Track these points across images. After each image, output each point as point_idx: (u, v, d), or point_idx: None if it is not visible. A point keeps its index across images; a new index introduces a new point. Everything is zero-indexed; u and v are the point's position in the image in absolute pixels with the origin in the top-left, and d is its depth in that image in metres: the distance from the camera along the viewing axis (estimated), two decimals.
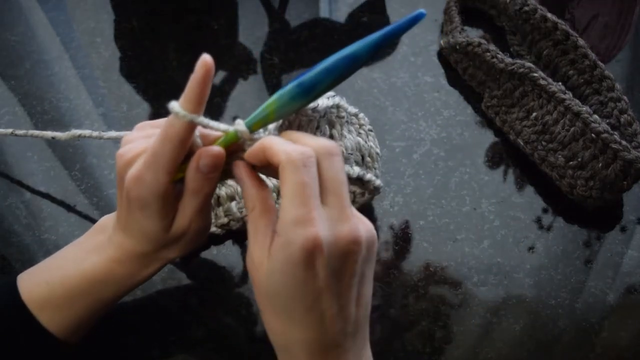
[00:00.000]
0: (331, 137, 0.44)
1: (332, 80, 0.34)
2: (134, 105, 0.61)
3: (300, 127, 0.40)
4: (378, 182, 0.49)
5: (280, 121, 0.38)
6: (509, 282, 0.49)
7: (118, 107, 0.61)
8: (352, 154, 0.45)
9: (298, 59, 0.66)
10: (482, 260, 0.50)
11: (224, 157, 0.36)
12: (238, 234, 0.51)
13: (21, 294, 0.39)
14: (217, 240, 0.51)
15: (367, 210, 0.53)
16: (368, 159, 0.49)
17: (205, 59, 0.33)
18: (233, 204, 0.50)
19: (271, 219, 0.34)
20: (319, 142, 0.33)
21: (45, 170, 0.56)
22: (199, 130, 0.36)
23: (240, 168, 0.35)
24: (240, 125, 0.35)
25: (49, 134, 0.53)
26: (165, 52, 0.66)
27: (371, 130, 0.52)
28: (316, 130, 0.42)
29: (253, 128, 0.35)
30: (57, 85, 0.63)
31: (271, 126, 0.38)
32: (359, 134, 0.50)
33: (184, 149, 0.35)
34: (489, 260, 0.50)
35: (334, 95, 0.43)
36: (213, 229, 0.50)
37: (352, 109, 0.52)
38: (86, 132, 0.50)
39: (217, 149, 0.35)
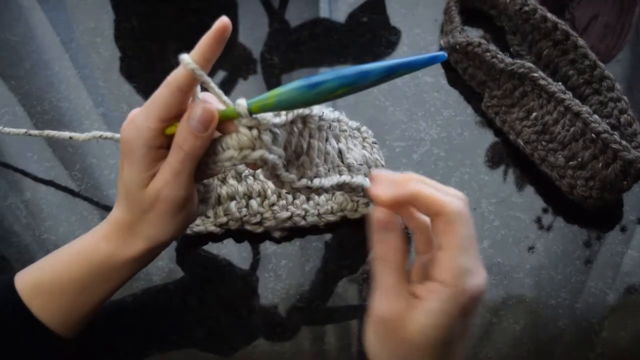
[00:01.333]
0: (339, 149, 0.44)
1: (338, 84, 0.34)
2: (134, 105, 0.61)
3: (311, 136, 0.40)
4: None
5: (284, 117, 0.38)
6: (509, 282, 0.49)
7: (118, 107, 0.61)
8: (362, 166, 0.45)
9: (298, 59, 0.66)
10: (482, 260, 0.50)
11: (216, 118, 0.36)
12: (236, 233, 0.51)
13: (15, 284, 0.40)
14: (216, 238, 0.51)
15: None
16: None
17: (224, 19, 0.35)
18: (232, 203, 0.50)
19: (404, 275, 0.33)
20: (457, 192, 0.33)
21: (45, 170, 0.56)
22: (201, 95, 0.37)
23: (384, 214, 0.33)
24: (241, 102, 0.36)
25: (66, 134, 0.53)
26: (165, 52, 0.66)
27: (375, 143, 0.53)
28: (325, 142, 0.42)
29: (252, 108, 0.36)
30: (57, 85, 0.63)
31: (276, 119, 0.37)
32: (363, 147, 0.51)
33: (179, 99, 0.36)
34: (489, 260, 0.50)
35: (333, 110, 0.43)
36: (211, 227, 0.50)
37: (354, 123, 0.53)
38: (107, 134, 0.50)
39: (210, 105, 0.35)
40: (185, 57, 0.36)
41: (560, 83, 0.54)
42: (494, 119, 0.58)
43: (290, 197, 0.51)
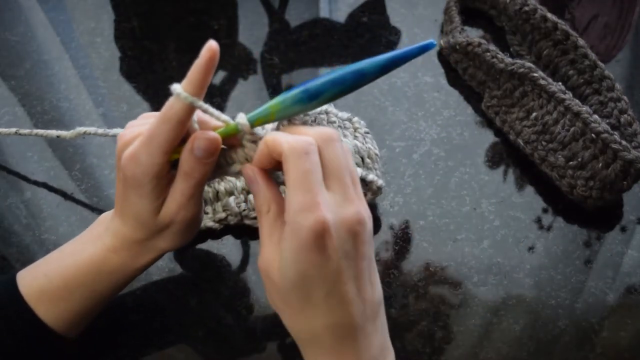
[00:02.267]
0: None
1: (337, 91, 0.35)
2: (134, 105, 0.61)
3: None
4: (380, 182, 0.49)
5: (277, 123, 0.38)
6: (509, 282, 0.49)
7: (118, 107, 0.61)
8: (355, 155, 0.45)
9: (298, 59, 0.66)
10: (482, 260, 0.50)
11: (220, 144, 0.36)
12: (235, 229, 0.51)
13: (19, 287, 0.40)
14: (215, 235, 0.51)
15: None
16: (368, 160, 0.50)
17: (212, 44, 0.34)
18: (231, 199, 0.50)
19: (277, 223, 0.34)
20: (319, 130, 0.34)
21: (45, 170, 0.56)
22: (197, 116, 0.37)
23: (251, 169, 0.35)
24: (242, 118, 0.36)
25: (53, 132, 0.53)
26: (165, 52, 0.66)
27: (368, 133, 0.52)
28: None
29: (254, 124, 0.36)
30: (57, 85, 0.63)
31: (269, 126, 0.38)
32: (355, 137, 0.51)
33: (181, 131, 0.35)
34: (489, 260, 0.50)
35: None
36: (210, 223, 0.50)
37: (344, 114, 0.52)
38: (91, 129, 0.51)
39: (213, 134, 0.36)
40: (179, 90, 0.35)
41: (560, 83, 0.54)
42: (494, 119, 0.59)
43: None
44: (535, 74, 0.54)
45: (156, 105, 0.61)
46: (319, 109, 0.43)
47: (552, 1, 0.68)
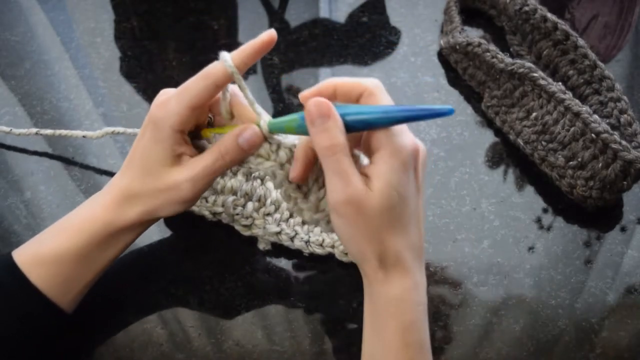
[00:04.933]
0: None
1: (360, 127, 0.36)
2: (134, 105, 0.61)
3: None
4: None
5: (296, 141, 0.40)
6: (509, 282, 0.49)
7: (118, 107, 0.61)
8: None
9: (298, 59, 0.66)
10: (482, 260, 0.50)
11: (261, 142, 0.40)
12: (229, 228, 0.51)
13: (14, 255, 0.41)
14: (205, 224, 0.51)
15: None
16: None
17: (273, 32, 0.39)
18: (230, 199, 0.50)
19: (352, 156, 0.36)
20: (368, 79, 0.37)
21: (45, 170, 0.56)
22: (231, 88, 0.41)
23: (327, 103, 0.35)
24: (264, 123, 0.40)
25: (79, 133, 0.54)
26: (165, 52, 0.66)
27: None
28: None
29: (271, 129, 0.40)
30: (57, 85, 0.63)
31: (292, 137, 0.40)
32: None
33: (212, 93, 0.39)
34: (489, 260, 0.50)
35: None
36: (206, 212, 0.50)
37: None
38: (118, 128, 0.52)
39: (259, 132, 0.40)
40: (226, 57, 0.39)
41: (560, 83, 0.54)
42: (494, 119, 0.59)
43: (286, 213, 0.50)
44: (535, 74, 0.54)
45: None
46: None
47: (552, 1, 0.68)
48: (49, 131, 0.55)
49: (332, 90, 0.37)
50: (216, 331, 0.46)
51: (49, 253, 0.41)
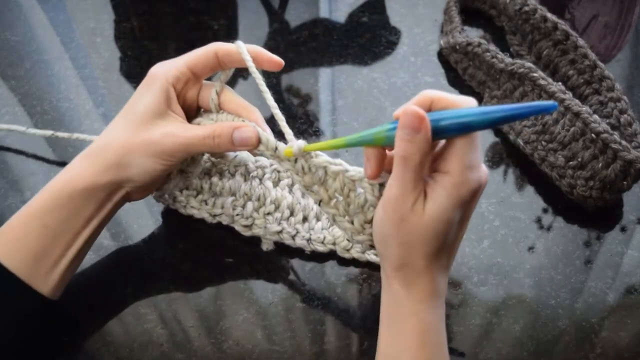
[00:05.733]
0: None
1: (457, 130, 0.35)
2: None
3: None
4: None
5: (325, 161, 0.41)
6: (509, 282, 0.49)
7: (118, 107, 0.61)
8: None
9: (298, 59, 0.66)
10: (482, 260, 0.50)
11: (255, 146, 0.42)
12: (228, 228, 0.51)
13: None
14: (205, 225, 0.51)
15: None
16: None
17: (281, 62, 0.44)
18: (229, 199, 0.50)
19: (422, 174, 0.36)
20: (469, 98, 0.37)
21: (45, 171, 0.56)
22: (248, 55, 0.44)
23: (421, 115, 0.34)
24: (298, 148, 0.40)
25: (95, 138, 0.52)
26: (165, 52, 0.66)
27: None
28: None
29: (355, 144, 0.38)
30: (57, 85, 0.63)
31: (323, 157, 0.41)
32: None
33: (211, 59, 0.43)
34: (489, 260, 0.50)
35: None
36: (205, 214, 0.50)
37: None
38: None
39: (256, 137, 0.42)
40: (238, 41, 0.44)
41: (560, 83, 0.54)
42: None
43: (286, 212, 0.50)
44: (535, 74, 0.54)
45: None
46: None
47: (552, 1, 0.68)
48: (65, 134, 0.55)
49: (429, 102, 0.36)
50: (216, 331, 0.46)
51: (15, 225, 0.40)
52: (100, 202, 0.42)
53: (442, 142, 0.37)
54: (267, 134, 0.42)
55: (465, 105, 0.35)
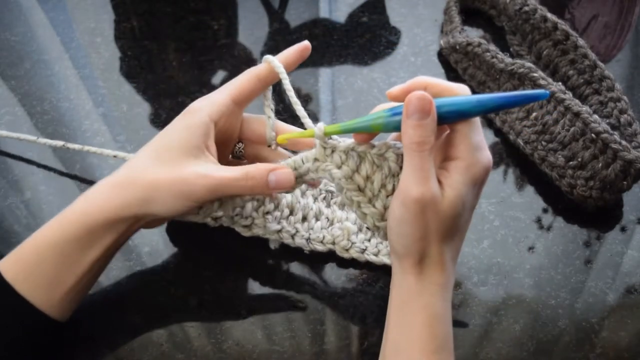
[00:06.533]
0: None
1: (453, 118, 0.36)
2: (134, 105, 0.61)
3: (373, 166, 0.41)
4: None
5: (353, 146, 0.40)
6: (509, 282, 0.49)
7: (118, 107, 0.61)
8: None
9: None
10: (482, 260, 0.50)
11: (290, 188, 0.42)
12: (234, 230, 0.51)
13: (0, 263, 0.39)
14: (204, 226, 0.51)
15: None
16: None
17: (308, 44, 0.45)
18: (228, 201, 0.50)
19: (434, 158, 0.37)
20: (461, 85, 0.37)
21: (45, 170, 0.56)
22: (283, 72, 0.44)
23: (429, 99, 0.35)
24: (319, 130, 0.40)
25: (110, 152, 0.52)
26: (165, 52, 0.66)
27: None
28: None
29: (352, 131, 0.39)
30: (57, 85, 0.63)
31: (348, 141, 0.41)
32: None
33: (255, 85, 0.43)
34: (489, 260, 0.50)
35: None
36: (207, 219, 0.50)
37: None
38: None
39: (292, 179, 0.41)
40: (270, 57, 0.43)
41: (560, 83, 0.54)
42: (494, 119, 0.59)
43: (286, 210, 0.50)
44: (535, 74, 0.54)
45: (156, 106, 0.61)
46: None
47: (552, 1, 0.68)
48: (77, 146, 0.54)
49: (423, 87, 0.36)
50: (216, 331, 0.46)
51: (29, 252, 0.39)
52: (119, 234, 0.41)
53: (445, 133, 0.38)
54: (299, 156, 0.42)
55: (459, 91, 0.36)
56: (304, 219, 0.50)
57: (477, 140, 0.36)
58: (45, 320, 0.40)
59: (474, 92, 0.61)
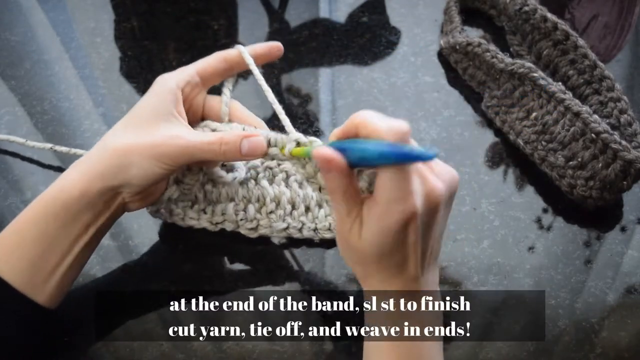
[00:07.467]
0: None
1: (364, 165, 0.36)
2: (134, 105, 0.61)
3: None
4: None
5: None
6: (509, 282, 0.49)
7: (118, 107, 0.61)
8: None
9: (298, 59, 0.66)
10: (482, 260, 0.50)
11: (262, 155, 0.41)
12: (233, 232, 0.51)
13: None
14: (210, 234, 0.51)
15: None
16: None
17: (281, 47, 0.46)
18: (230, 205, 0.49)
19: (353, 199, 0.36)
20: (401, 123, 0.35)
21: (45, 170, 0.56)
22: (249, 57, 0.45)
23: (336, 155, 0.34)
24: (288, 150, 0.41)
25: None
26: (165, 52, 0.66)
27: None
28: None
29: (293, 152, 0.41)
30: (57, 85, 0.63)
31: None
32: None
33: (220, 64, 0.44)
34: (489, 260, 0.50)
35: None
36: (206, 224, 0.50)
37: None
38: None
39: (264, 146, 0.41)
40: (238, 46, 0.45)
41: (560, 83, 0.54)
42: (494, 119, 0.59)
43: (288, 207, 0.50)
44: (535, 74, 0.54)
45: None
46: None
47: (552, 1, 0.68)
48: (64, 148, 0.53)
49: (355, 128, 0.36)
50: (216, 331, 0.46)
51: (11, 232, 0.40)
52: (97, 209, 0.41)
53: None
54: (275, 133, 0.42)
55: (384, 135, 0.33)
56: (307, 209, 0.50)
57: (396, 189, 0.33)
58: (29, 304, 0.40)
59: (473, 92, 0.62)
